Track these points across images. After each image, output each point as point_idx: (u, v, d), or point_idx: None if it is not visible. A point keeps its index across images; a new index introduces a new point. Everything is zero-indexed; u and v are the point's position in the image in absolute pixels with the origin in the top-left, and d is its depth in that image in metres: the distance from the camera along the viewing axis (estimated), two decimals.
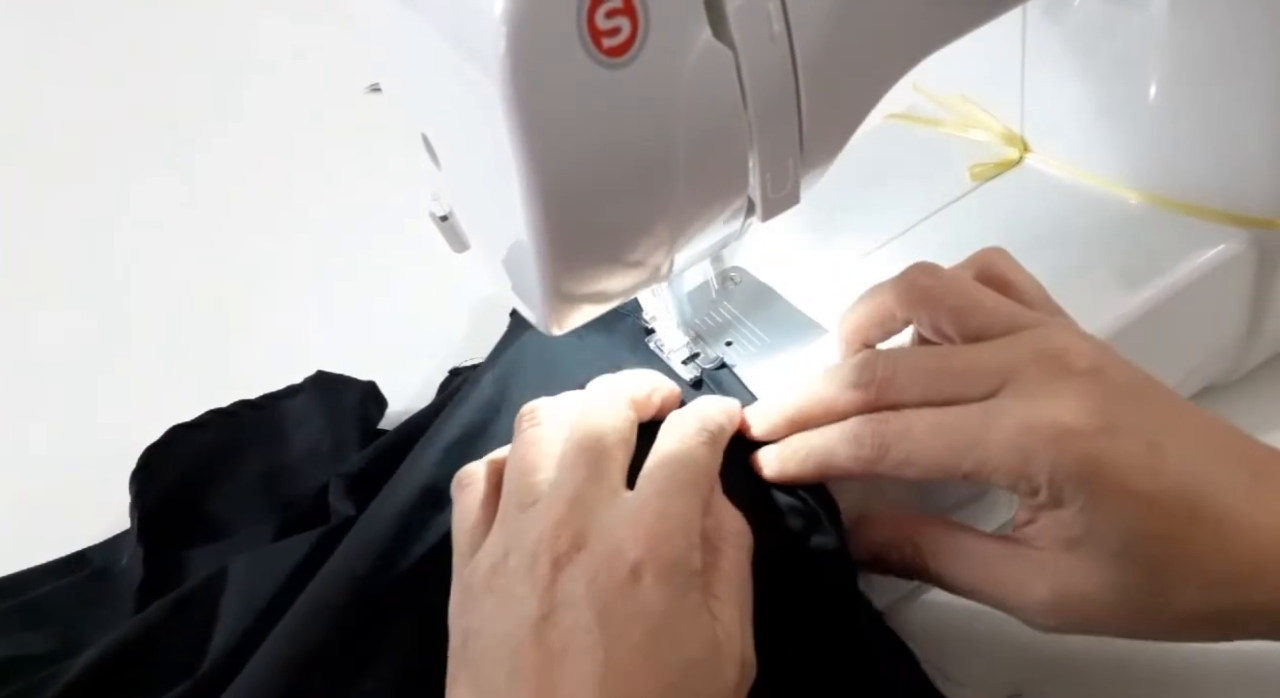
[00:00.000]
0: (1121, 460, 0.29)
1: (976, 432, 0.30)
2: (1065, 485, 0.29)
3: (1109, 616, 0.31)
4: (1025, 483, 0.30)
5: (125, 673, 0.42)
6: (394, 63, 0.34)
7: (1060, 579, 0.30)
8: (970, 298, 0.34)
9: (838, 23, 0.29)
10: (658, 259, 0.32)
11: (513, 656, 0.29)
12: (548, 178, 0.27)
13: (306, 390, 0.55)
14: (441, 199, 0.35)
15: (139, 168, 0.82)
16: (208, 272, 0.71)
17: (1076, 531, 0.30)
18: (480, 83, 0.26)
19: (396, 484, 0.41)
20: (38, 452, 0.60)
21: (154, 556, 0.49)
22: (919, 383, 0.32)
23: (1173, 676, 0.39)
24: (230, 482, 0.52)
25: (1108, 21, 0.41)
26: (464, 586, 0.32)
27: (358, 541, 0.39)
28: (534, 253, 0.29)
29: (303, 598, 0.38)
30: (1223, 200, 0.41)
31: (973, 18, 0.34)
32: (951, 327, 0.33)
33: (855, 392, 0.33)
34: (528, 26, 0.24)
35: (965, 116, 0.50)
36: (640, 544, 0.29)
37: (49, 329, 0.69)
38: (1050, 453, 0.29)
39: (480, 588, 0.31)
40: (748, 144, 0.29)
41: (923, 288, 0.34)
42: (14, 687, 0.44)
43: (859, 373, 0.33)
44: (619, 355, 0.41)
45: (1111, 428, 0.29)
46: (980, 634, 0.41)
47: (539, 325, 0.33)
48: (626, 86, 0.26)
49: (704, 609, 0.30)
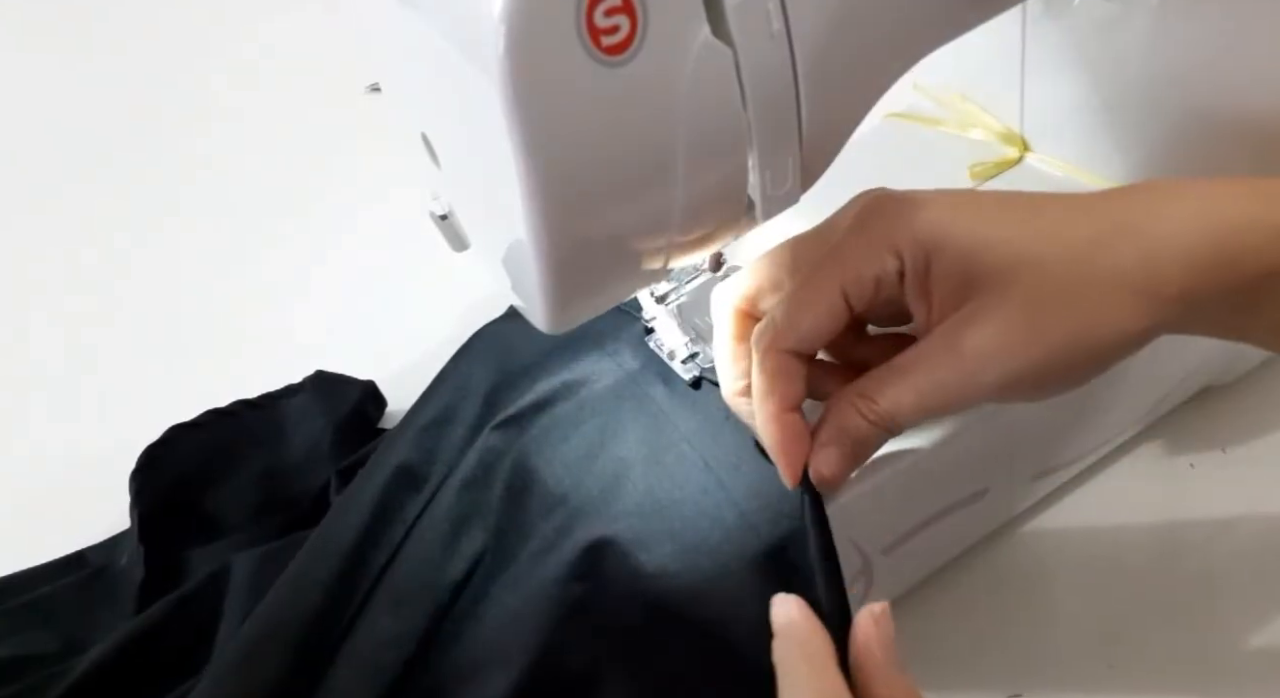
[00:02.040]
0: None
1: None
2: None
3: (1023, 338, 0.31)
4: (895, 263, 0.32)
5: (129, 672, 0.43)
6: (394, 62, 0.34)
7: (973, 330, 0.31)
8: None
9: (837, 21, 0.29)
10: (657, 258, 0.32)
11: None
12: (547, 177, 0.27)
13: (306, 390, 0.55)
14: (441, 198, 0.35)
15: (139, 167, 0.82)
16: (207, 271, 0.71)
17: (959, 280, 0.31)
18: (480, 82, 0.26)
19: (374, 466, 0.43)
20: (37, 452, 0.60)
21: (154, 555, 0.49)
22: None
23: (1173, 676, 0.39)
24: (229, 481, 0.52)
25: (1108, 21, 0.41)
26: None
27: (339, 517, 0.41)
28: (533, 252, 0.29)
29: (289, 572, 0.40)
30: None
31: (972, 16, 0.34)
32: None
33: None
34: (527, 25, 0.24)
35: (965, 116, 0.50)
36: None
37: (48, 329, 0.69)
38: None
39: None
40: (747, 143, 0.29)
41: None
42: (16, 686, 0.45)
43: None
44: (583, 344, 0.42)
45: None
46: (980, 634, 0.42)
47: (538, 325, 0.33)
48: (626, 85, 0.26)
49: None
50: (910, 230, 0.32)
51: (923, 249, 0.32)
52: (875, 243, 0.33)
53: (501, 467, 0.40)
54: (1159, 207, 0.31)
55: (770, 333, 0.34)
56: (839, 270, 0.33)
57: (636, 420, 0.40)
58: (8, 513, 0.56)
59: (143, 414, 0.55)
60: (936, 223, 0.32)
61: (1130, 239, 0.30)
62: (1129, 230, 0.30)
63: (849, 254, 0.33)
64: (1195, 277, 0.30)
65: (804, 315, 0.33)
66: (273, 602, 0.40)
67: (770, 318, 0.34)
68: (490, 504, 0.40)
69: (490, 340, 0.47)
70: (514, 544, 0.38)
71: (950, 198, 0.33)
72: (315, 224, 0.73)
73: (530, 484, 0.40)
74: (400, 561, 0.40)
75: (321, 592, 0.39)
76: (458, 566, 0.39)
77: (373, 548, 0.40)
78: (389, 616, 0.38)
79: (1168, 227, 0.30)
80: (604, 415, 0.40)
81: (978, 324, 0.31)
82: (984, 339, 0.31)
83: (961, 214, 0.32)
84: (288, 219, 0.74)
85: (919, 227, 0.32)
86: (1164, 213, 0.31)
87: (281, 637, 0.38)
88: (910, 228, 0.32)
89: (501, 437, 0.41)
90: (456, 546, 0.39)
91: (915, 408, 0.32)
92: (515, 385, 0.43)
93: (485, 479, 0.41)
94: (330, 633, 0.38)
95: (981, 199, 0.33)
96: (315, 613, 0.38)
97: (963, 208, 0.32)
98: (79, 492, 0.56)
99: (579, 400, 0.41)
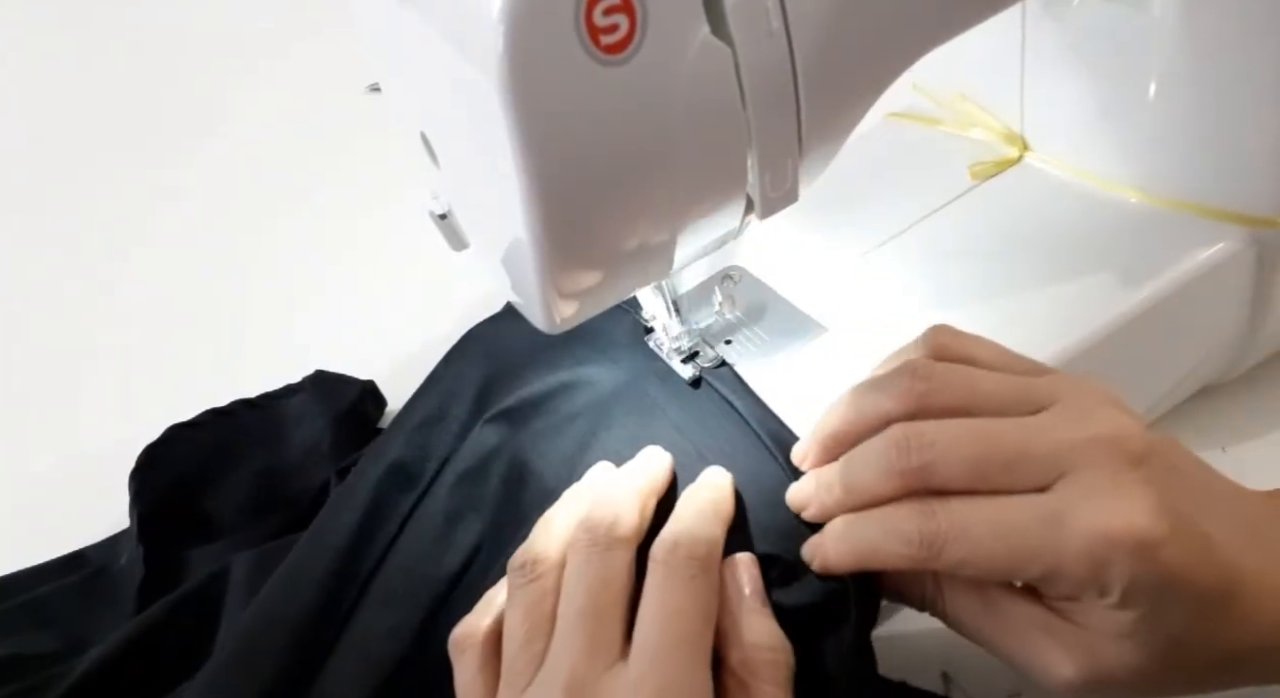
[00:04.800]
0: (1187, 562, 0.28)
1: (1045, 537, 0.28)
2: (1140, 594, 0.28)
3: (1127, 691, 0.30)
4: (1096, 589, 0.28)
5: (130, 672, 0.43)
6: (394, 62, 0.34)
7: (1095, 662, 0.29)
8: (971, 389, 0.31)
9: (836, 20, 0.29)
10: (657, 258, 0.32)
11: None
12: (546, 176, 0.27)
13: (305, 390, 0.55)
14: (441, 198, 0.35)
15: (139, 167, 0.82)
16: (207, 271, 0.71)
17: (1132, 626, 0.28)
18: (479, 81, 0.25)
19: (367, 463, 0.43)
20: (37, 451, 0.60)
21: (153, 554, 0.49)
22: (965, 472, 0.29)
23: None
24: (229, 481, 0.52)
25: (1108, 21, 0.41)
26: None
27: (334, 513, 0.42)
28: (533, 251, 0.29)
29: (283, 568, 0.40)
30: (1222, 200, 0.41)
31: (972, 15, 0.34)
32: (962, 415, 0.31)
33: (892, 479, 0.31)
34: (526, 25, 0.24)
35: (965, 115, 0.50)
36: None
37: (48, 329, 0.69)
38: (1129, 564, 0.27)
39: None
40: (746, 142, 0.29)
41: (919, 393, 0.31)
42: (16, 686, 0.45)
43: (895, 457, 0.30)
44: (578, 342, 0.42)
45: (1179, 528, 0.28)
46: None
47: (538, 324, 0.33)
48: (625, 84, 0.26)
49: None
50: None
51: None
52: (1101, 567, 0.28)
53: (497, 460, 0.41)
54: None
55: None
56: (1046, 558, 0.28)
57: (631, 416, 0.40)
58: (8, 513, 0.56)
59: (142, 414, 0.55)
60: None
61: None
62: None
63: (1064, 549, 0.28)
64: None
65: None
66: (267, 598, 0.40)
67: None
68: (486, 497, 0.40)
69: (481, 341, 0.47)
70: (510, 537, 0.38)
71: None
72: (315, 224, 0.73)
73: (526, 477, 0.40)
74: (396, 554, 0.40)
75: (316, 587, 0.39)
76: (454, 558, 0.39)
77: (367, 543, 0.40)
78: (385, 608, 0.38)
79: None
80: (600, 411, 0.40)
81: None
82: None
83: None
84: (288, 219, 0.74)
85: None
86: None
87: (278, 631, 0.38)
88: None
89: (496, 430, 0.42)
90: (452, 538, 0.39)
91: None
92: (508, 382, 0.44)
93: (481, 473, 0.41)
94: (326, 628, 0.38)
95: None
96: (311, 608, 0.38)
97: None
98: (79, 492, 0.56)
99: (574, 397, 0.41)
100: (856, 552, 0.31)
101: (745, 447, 0.37)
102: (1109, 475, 0.28)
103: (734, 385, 0.39)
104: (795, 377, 0.40)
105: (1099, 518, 0.28)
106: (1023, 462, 0.29)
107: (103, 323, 0.69)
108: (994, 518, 0.29)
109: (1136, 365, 0.42)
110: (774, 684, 0.30)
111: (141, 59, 0.95)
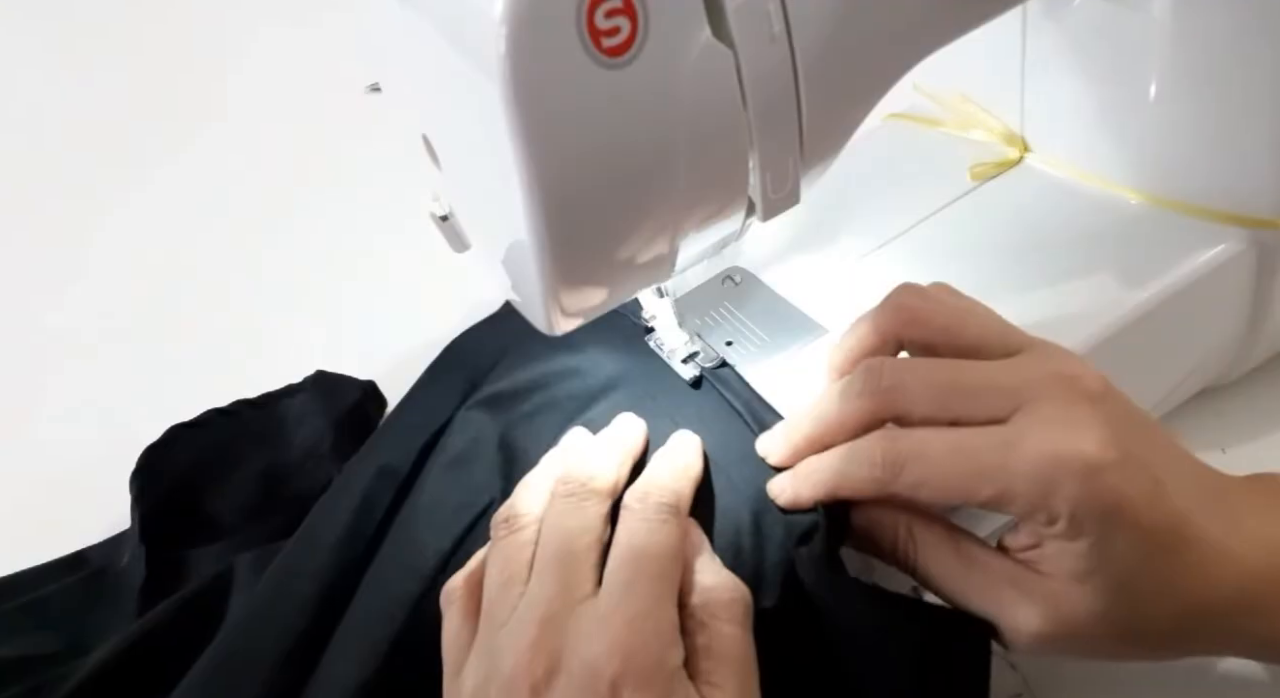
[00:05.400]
0: (1135, 494, 0.29)
1: (998, 459, 0.29)
2: (1086, 519, 0.29)
3: (1090, 644, 0.31)
4: (1045, 514, 0.29)
5: (134, 673, 0.43)
6: (394, 63, 0.34)
7: (1058, 609, 0.30)
8: (960, 315, 0.33)
9: (838, 22, 0.29)
10: (658, 259, 0.32)
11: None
12: (548, 178, 0.27)
13: (306, 390, 0.55)
14: (441, 199, 0.35)
15: (138, 168, 0.82)
16: (207, 272, 0.71)
17: (1088, 563, 0.29)
18: (480, 83, 0.26)
19: (356, 466, 0.44)
20: (37, 452, 0.60)
21: (155, 555, 0.49)
22: (930, 396, 0.32)
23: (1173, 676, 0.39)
24: (230, 481, 0.52)
25: (1108, 21, 0.41)
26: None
27: (324, 515, 0.42)
28: (534, 253, 0.29)
29: (277, 567, 0.41)
30: (1223, 200, 0.41)
31: (973, 17, 0.34)
32: (945, 346, 0.33)
33: (862, 400, 0.33)
34: (527, 26, 0.24)
35: (965, 116, 0.50)
36: (614, 659, 0.29)
37: (48, 329, 0.69)
38: (1076, 486, 0.29)
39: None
40: (748, 144, 0.29)
41: (911, 309, 0.34)
42: (20, 687, 0.45)
43: (866, 380, 0.33)
44: (572, 343, 0.43)
45: (1128, 460, 0.29)
46: None
47: (539, 326, 0.33)
48: (626, 86, 0.26)
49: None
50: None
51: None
52: (1050, 490, 0.29)
53: (487, 442, 0.41)
54: None
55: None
56: (999, 479, 0.30)
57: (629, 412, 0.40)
58: (8, 513, 0.56)
59: (143, 414, 0.55)
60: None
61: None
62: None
63: (1015, 470, 0.29)
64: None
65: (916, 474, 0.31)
66: (261, 596, 0.40)
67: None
68: (477, 479, 0.40)
69: (464, 350, 0.47)
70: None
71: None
72: (315, 224, 0.73)
73: (517, 459, 0.40)
74: (388, 542, 0.40)
75: (311, 581, 0.39)
76: (444, 540, 0.39)
77: (360, 537, 0.40)
78: (378, 594, 0.38)
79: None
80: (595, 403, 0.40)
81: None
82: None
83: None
84: (288, 219, 0.74)
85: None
86: None
87: (277, 618, 0.39)
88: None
89: (485, 414, 0.42)
90: (445, 519, 0.39)
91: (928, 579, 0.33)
92: (497, 377, 0.44)
93: (471, 455, 0.41)
94: (325, 613, 0.38)
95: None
96: (305, 604, 0.39)
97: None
98: (79, 492, 0.56)
99: (569, 384, 0.42)
100: (824, 480, 0.33)
101: (745, 448, 0.37)
102: (1064, 407, 0.30)
103: (735, 386, 0.39)
104: (795, 377, 0.40)
105: (1049, 443, 0.29)
106: (983, 392, 0.31)
107: (102, 322, 0.69)
108: (951, 441, 0.31)
109: (1136, 367, 0.42)
110: (732, 623, 0.31)
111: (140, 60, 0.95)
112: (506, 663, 0.30)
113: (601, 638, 0.29)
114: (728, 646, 0.31)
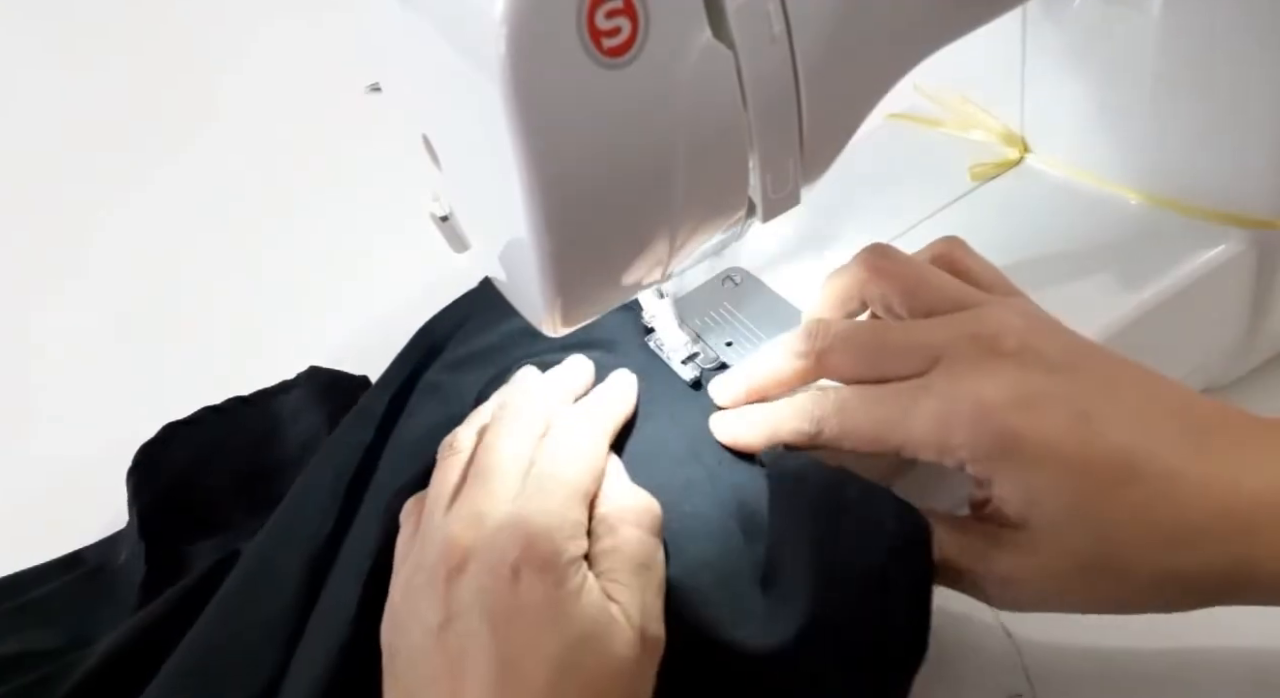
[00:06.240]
0: (1044, 432, 0.30)
1: (902, 410, 0.32)
2: (985, 461, 0.31)
3: (1065, 585, 0.31)
4: (949, 457, 0.31)
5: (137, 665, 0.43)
6: (394, 63, 0.34)
7: (1016, 553, 0.31)
8: (918, 277, 0.35)
9: (838, 23, 0.29)
10: (658, 260, 0.32)
11: (424, 664, 0.31)
12: (548, 178, 0.27)
13: (300, 386, 0.55)
14: (441, 199, 0.35)
15: (137, 167, 0.82)
16: (206, 271, 0.71)
17: (1017, 504, 0.31)
18: (480, 83, 0.26)
19: (330, 451, 0.46)
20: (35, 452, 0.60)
21: (154, 551, 0.49)
22: (855, 357, 0.34)
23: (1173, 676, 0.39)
24: (226, 477, 0.52)
25: (1108, 21, 0.41)
26: (389, 605, 0.35)
27: (303, 495, 0.44)
28: (534, 253, 0.29)
29: (252, 554, 0.42)
30: (1223, 200, 0.41)
31: (973, 18, 0.34)
32: (901, 304, 0.35)
33: (798, 359, 0.36)
34: (528, 27, 0.24)
35: (965, 116, 0.50)
36: (518, 546, 0.31)
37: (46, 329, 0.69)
38: (966, 430, 0.31)
39: (398, 605, 0.34)
40: (748, 145, 0.29)
41: (874, 267, 0.36)
42: (22, 680, 0.45)
43: (802, 342, 0.35)
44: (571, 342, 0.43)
45: (1030, 401, 0.31)
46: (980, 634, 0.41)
47: (539, 327, 0.33)
48: (627, 87, 0.26)
49: (592, 591, 0.31)
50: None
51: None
52: (945, 435, 0.31)
53: (450, 423, 0.40)
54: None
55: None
56: (901, 428, 0.32)
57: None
58: (8, 513, 0.56)
59: (138, 413, 0.55)
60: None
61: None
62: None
63: (914, 419, 0.32)
64: None
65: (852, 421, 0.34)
66: (244, 567, 0.42)
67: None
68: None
69: (429, 329, 0.49)
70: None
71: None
72: (315, 224, 0.73)
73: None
74: (359, 515, 0.41)
75: (292, 563, 0.41)
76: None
77: (327, 521, 0.42)
78: (352, 570, 0.39)
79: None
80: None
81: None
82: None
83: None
84: (286, 218, 0.74)
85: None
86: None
87: (285, 561, 0.41)
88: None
89: (448, 374, 0.44)
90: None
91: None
92: (458, 341, 0.46)
93: (436, 434, 0.41)
94: (302, 593, 0.40)
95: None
96: (288, 573, 0.41)
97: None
98: (76, 492, 0.56)
99: (529, 348, 0.43)
100: (764, 424, 0.36)
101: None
102: (973, 363, 0.32)
103: None
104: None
105: (949, 391, 0.32)
106: (905, 351, 0.33)
107: (100, 322, 0.69)
108: (869, 396, 0.33)
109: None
110: (639, 527, 0.33)
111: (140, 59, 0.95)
112: (431, 555, 0.33)
113: (510, 530, 0.32)
114: (634, 547, 0.33)
